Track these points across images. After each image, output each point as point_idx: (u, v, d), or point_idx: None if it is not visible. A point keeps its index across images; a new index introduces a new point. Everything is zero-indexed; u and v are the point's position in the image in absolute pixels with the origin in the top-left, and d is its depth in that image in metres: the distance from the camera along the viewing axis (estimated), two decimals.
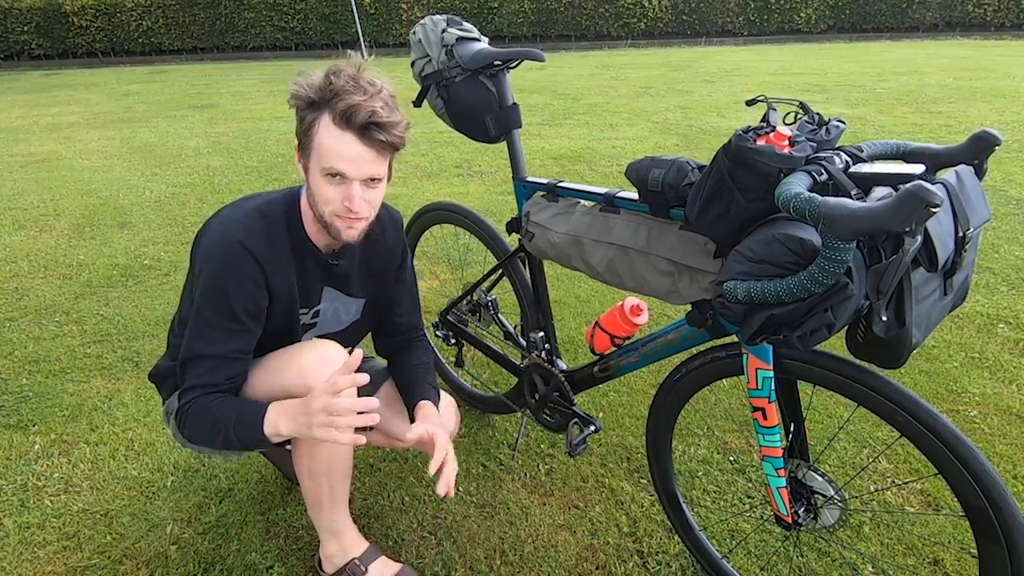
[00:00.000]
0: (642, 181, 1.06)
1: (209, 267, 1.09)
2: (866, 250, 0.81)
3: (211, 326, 1.10)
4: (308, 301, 1.23)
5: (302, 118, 1.04)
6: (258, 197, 1.17)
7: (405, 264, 1.37)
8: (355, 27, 12.68)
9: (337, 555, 1.32)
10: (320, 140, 1.01)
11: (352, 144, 1.01)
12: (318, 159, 1.03)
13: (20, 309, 2.63)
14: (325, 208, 1.06)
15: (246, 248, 1.09)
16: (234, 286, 1.08)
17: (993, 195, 3.62)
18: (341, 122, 1.00)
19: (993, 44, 11.68)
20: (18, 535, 1.51)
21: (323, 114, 1.01)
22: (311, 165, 1.05)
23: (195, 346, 1.10)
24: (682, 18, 13.65)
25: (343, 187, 1.04)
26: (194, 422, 1.10)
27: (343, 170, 1.02)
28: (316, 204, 1.08)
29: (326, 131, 1.01)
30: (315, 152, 1.03)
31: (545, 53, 1.37)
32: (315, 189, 1.06)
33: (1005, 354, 2.13)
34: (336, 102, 0.99)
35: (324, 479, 1.22)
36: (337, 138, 1.01)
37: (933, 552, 1.40)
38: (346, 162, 1.01)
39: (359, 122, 0.99)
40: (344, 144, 1.01)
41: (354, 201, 1.04)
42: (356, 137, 1.01)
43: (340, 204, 1.05)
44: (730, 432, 1.82)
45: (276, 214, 1.14)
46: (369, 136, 1.01)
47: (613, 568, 1.40)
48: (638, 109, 6.46)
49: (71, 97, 8.48)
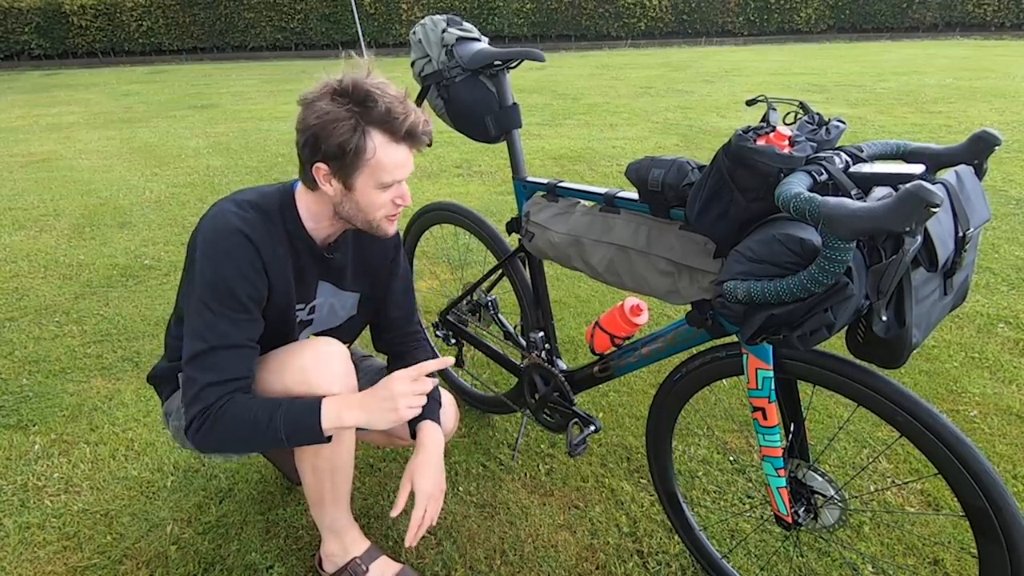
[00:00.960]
0: (642, 181, 1.06)
1: (209, 257, 1.08)
2: (866, 250, 0.81)
3: (218, 316, 1.07)
4: (304, 296, 1.23)
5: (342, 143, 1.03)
6: (251, 190, 1.17)
7: (398, 258, 1.38)
8: (355, 27, 12.69)
9: (338, 554, 1.32)
10: (380, 159, 1.06)
11: (405, 153, 1.09)
12: (375, 175, 1.07)
13: (20, 309, 2.63)
14: (378, 212, 1.12)
15: (244, 235, 1.09)
16: (236, 273, 1.08)
17: (993, 195, 3.62)
18: (400, 138, 1.07)
19: (993, 44, 11.68)
20: (18, 535, 1.51)
21: (374, 132, 1.05)
22: (359, 181, 1.08)
23: (205, 337, 1.06)
24: (682, 18, 13.65)
25: (392, 190, 1.11)
26: (229, 421, 1.04)
27: (401, 178, 1.10)
28: (362, 212, 1.12)
29: (385, 150, 1.06)
30: (370, 169, 1.07)
31: (545, 53, 1.37)
32: (364, 200, 1.10)
33: (1005, 354, 2.13)
34: (392, 123, 1.04)
35: (327, 476, 1.23)
36: (395, 152, 1.07)
37: (933, 552, 1.40)
38: (403, 170, 1.09)
39: (416, 135, 1.08)
40: (401, 156, 1.08)
41: (407, 197, 1.13)
42: (407, 147, 1.09)
43: (391, 205, 1.12)
44: (730, 432, 1.82)
45: (271, 207, 1.15)
46: (418, 143, 1.10)
47: (613, 568, 1.40)
48: (638, 109, 6.46)
49: (71, 97, 8.48)
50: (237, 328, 1.08)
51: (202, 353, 1.06)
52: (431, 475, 1.19)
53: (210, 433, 1.05)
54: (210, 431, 1.04)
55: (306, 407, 1.06)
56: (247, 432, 1.04)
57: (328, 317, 1.32)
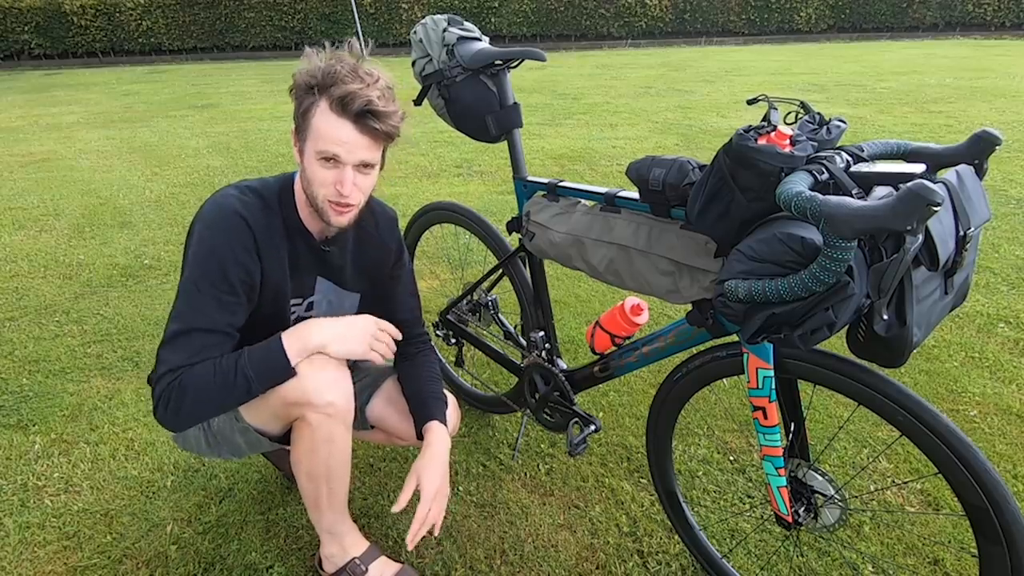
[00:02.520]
0: (643, 181, 1.06)
1: (204, 237, 1.08)
2: (867, 249, 0.81)
3: (204, 295, 1.06)
4: (301, 290, 1.23)
5: (300, 101, 1.06)
6: (255, 180, 1.18)
7: (402, 261, 1.37)
8: (355, 27, 12.69)
9: (337, 555, 1.32)
10: (317, 124, 1.04)
11: (347, 130, 1.04)
12: (314, 142, 1.06)
13: (20, 309, 2.63)
14: (318, 191, 1.09)
15: (241, 217, 1.09)
16: (228, 252, 1.08)
17: (993, 195, 3.62)
18: (338, 108, 1.03)
19: (993, 44, 11.68)
20: (18, 535, 1.50)
21: (321, 99, 1.04)
22: (306, 148, 1.08)
23: (186, 318, 1.05)
24: (682, 18, 13.65)
25: (336, 171, 1.07)
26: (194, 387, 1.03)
27: (337, 154, 1.05)
28: (309, 186, 1.10)
29: (323, 116, 1.04)
30: (311, 135, 1.06)
31: (545, 53, 1.37)
32: (309, 171, 1.09)
33: (1005, 354, 2.13)
34: (334, 89, 1.02)
35: (323, 481, 1.22)
36: (333, 123, 1.03)
37: (933, 552, 1.40)
38: (340, 146, 1.04)
39: (355, 109, 1.02)
40: (340, 130, 1.04)
41: (345, 185, 1.07)
42: (352, 124, 1.04)
43: (332, 188, 1.08)
44: (730, 432, 1.82)
45: (270, 195, 1.15)
46: (364, 124, 1.04)
47: (613, 568, 1.40)
48: (638, 109, 6.46)
49: (71, 97, 8.48)
50: (220, 310, 1.08)
51: (178, 334, 1.05)
52: (437, 475, 1.19)
53: (180, 404, 1.03)
54: (180, 402, 1.03)
55: (267, 345, 1.06)
56: (216, 391, 1.04)
57: (327, 314, 1.31)
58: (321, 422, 1.14)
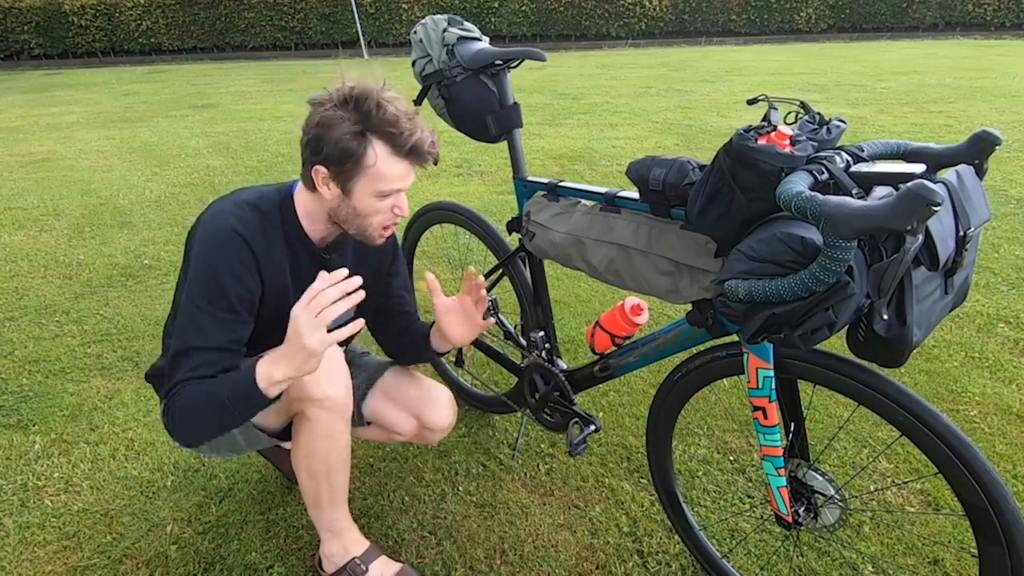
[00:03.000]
0: (643, 180, 1.06)
1: (202, 253, 1.08)
2: (867, 249, 0.81)
3: (204, 313, 1.07)
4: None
5: (346, 148, 1.04)
6: (250, 190, 1.17)
7: (398, 259, 1.39)
8: (355, 27, 12.69)
9: (337, 554, 1.32)
10: (379, 169, 1.07)
11: (404, 166, 1.09)
12: (373, 184, 1.08)
13: (20, 309, 2.63)
14: (373, 219, 1.13)
15: (239, 234, 1.09)
16: (227, 271, 1.08)
17: (993, 195, 3.62)
18: (403, 153, 1.07)
19: (993, 44, 11.68)
20: (18, 535, 1.50)
21: (376, 143, 1.05)
22: (358, 188, 1.08)
23: (188, 338, 1.06)
24: (682, 18, 13.65)
25: (392, 198, 1.12)
26: (183, 409, 1.04)
27: (400, 188, 1.11)
28: (358, 218, 1.12)
29: (386, 162, 1.07)
30: (369, 178, 1.07)
31: (545, 53, 1.37)
32: (361, 207, 1.11)
33: (1005, 354, 2.13)
34: (395, 136, 1.05)
35: (323, 477, 1.22)
36: (397, 165, 1.08)
37: (933, 552, 1.40)
38: (402, 181, 1.10)
39: (420, 152, 1.08)
40: (401, 169, 1.09)
41: (404, 208, 1.14)
42: (410, 163, 1.10)
43: (389, 213, 1.13)
44: (730, 432, 1.82)
45: (270, 206, 1.15)
46: (422, 160, 1.10)
47: (613, 568, 1.40)
48: (638, 109, 6.46)
49: (71, 97, 8.48)
50: (221, 329, 1.08)
51: (181, 352, 1.06)
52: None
53: (182, 425, 1.04)
54: (176, 423, 1.05)
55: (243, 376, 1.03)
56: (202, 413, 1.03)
57: None
58: (319, 416, 1.15)
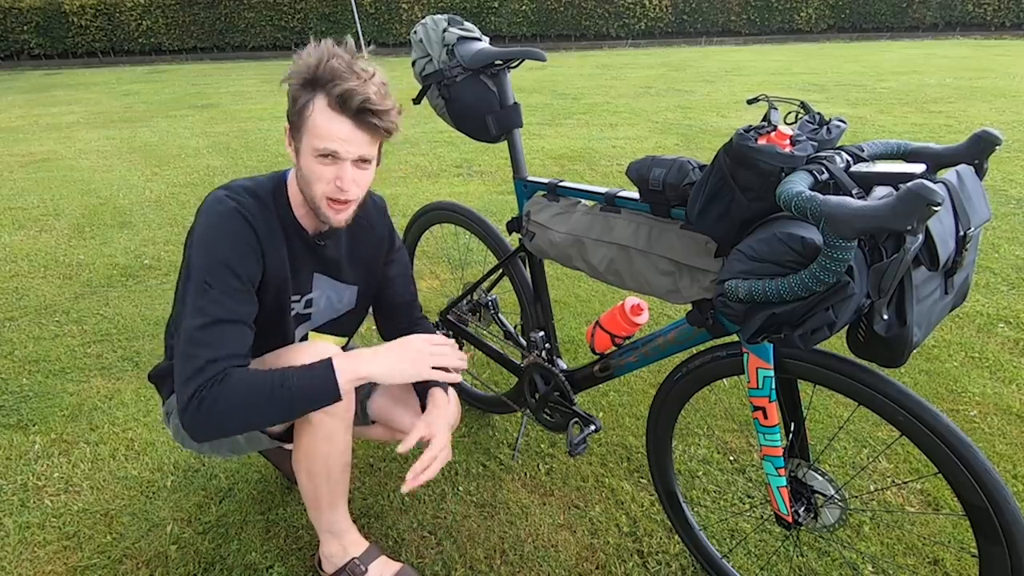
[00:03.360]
0: (643, 180, 1.06)
1: (206, 239, 1.06)
2: (867, 249, 0.81)
3: (219, 291, 1.03)
4: (299, 287, 1.23)
5: (295, 99, 1.05)
6: (245, 179, 1.17)
7: (394, 245, 1.37)
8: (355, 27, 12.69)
9: (337, 555, 1.32)
10: (315, 122, 1.04)
11: (346, 127, 1.04)
12: (311, 140, 1.05)
13: (20, 309, 2.63)
14: (316, 188, 1.08)
15: (241, 215, 1.08)
16: (233, 251, 1.06)
17: (993, 195, 3.62)
18: (336, 105, 1.03)
19: (993, 44, 11.68)
20: (18, 535, 1.50)
21: (317, 96, 1.03)
22: (303, 146, 1.07)
23: (208, 311, 1.01)
24: (682, 18, 13.65)
25: (334, 167, 1.07)
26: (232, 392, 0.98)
27: (336, 150, 1.04)
28: (307, 184, 1.09)
29: (321, 113, 1.03)
30: (308, 133, 1.05)
31: (545, 53, 1.37)
32: (306, 169, 1.08)
33: (1005, 354, 2.13)
34: (332, 86, 1.02)
35: (322, 479, 1.22)
36: (332, 120, 1.03)
37: (933, 552, 1.40)
38: (339, 143, 1.04)
39: (354, 107, 1.02)
40: (338, 126, 1.03)
41: (345, 180, 1.07)
42: (350, 121, 1.04)
43: (331, 184, 1.07)
44: (730, 432, 1.82)
45: (265, 193, 1.15)
46: (363, 120, 1.04)
47: (613, 568, 1.40)
48: (638, 109, 6.46)
49: (71, 97, 8.48)
50: (238, 303, 1.06)
51: (203, 327, 1.01)
52: (446, 428, 1.19)
53: (212, 408, 0.98)
54: (212, 406, 0.98)
55: (319, 366, 1.03)
56: (253, 402, 0.99)
57: (327, 311, 1.31)
58: (321, 420, 1.14)
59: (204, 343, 1.01)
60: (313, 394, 1.03)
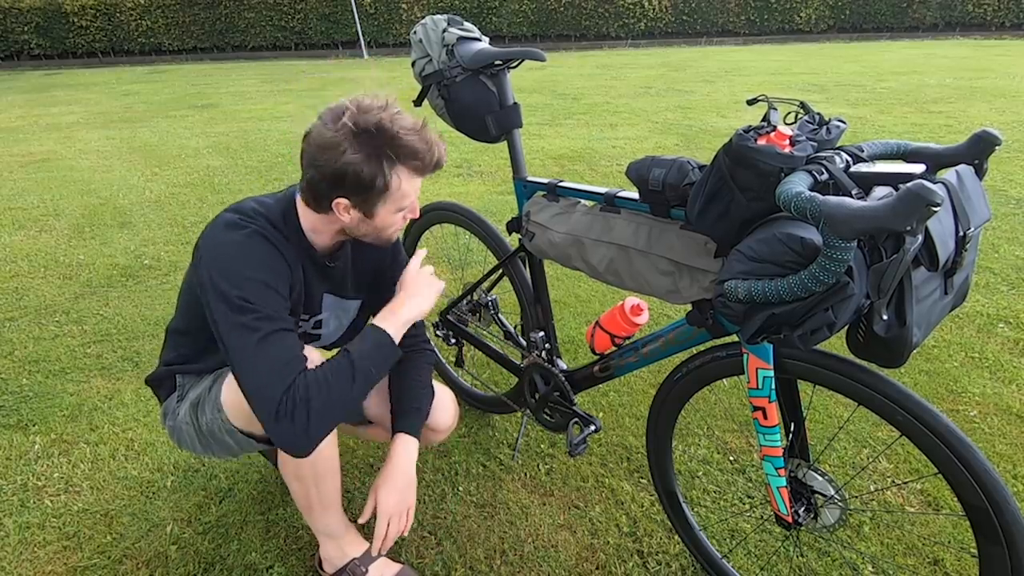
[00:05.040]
0: (643, 181, 1.06)
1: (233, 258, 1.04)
2: (867, 249, 0.81)
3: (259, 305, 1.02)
4: (310, 307, 1.23)
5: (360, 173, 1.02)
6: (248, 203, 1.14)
7: (398, 259, 1.37)
8: (355, 27, 12.69)
9: (335, 556, 1.32)
10: (404, 191, 1.09)
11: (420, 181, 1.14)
12: (396, 203, 1.10)
13: (20, 309, 2.63)
14: (390, 230, 1.16)
15: (266, 238, 1.08)
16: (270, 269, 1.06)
17: (993, 195, 3.62)
18: (419, 172, 1.09)
19: (993, 44, 11.68)
20: (18, 535, 1.50)
21: (401, 169, 1.06)
22: (381, 210, 1.10)
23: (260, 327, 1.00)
24: (682, 18, 13.65)
25: (407, 208, 1.15)
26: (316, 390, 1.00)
27: (415, 200, 1.14)
28: (379, 232, 1.15)
29: (409, 182, 1.09)
30: (393, 199, 1.09)
31: (545, 53, 1.37)
32: (382, 224, 1.13)
33: (1005, 354, 2.13)
34: (419, 162, 1.07)
35: (311, 483, 1.21)
36: (417, 181, 1.11)
37: (933, 552, 1.40)
38: (417, 192, 1.14)
39: (440, 166, 1.12)
40: (418, 183, 1.13)
41: (416, 209, 1.17)
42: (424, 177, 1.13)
43: (402, 219, 1.16)
44: (730, 432, 1.82)
45: (272, 215, 1.14)
46: (438, 169, 1.13)
47: (613, 568, 1.40)
48: (638, 109, 6.46)
49: (71, 97, 8.48)
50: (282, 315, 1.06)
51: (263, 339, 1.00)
52: (396, 490, 1.18)
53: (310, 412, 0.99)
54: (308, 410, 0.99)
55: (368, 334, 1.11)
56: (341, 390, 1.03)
57: (335, 331, 1.32)
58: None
59: (268, 355, 1.00)
60: (380, 357, 1.10)
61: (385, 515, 1.17)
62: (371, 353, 1.09)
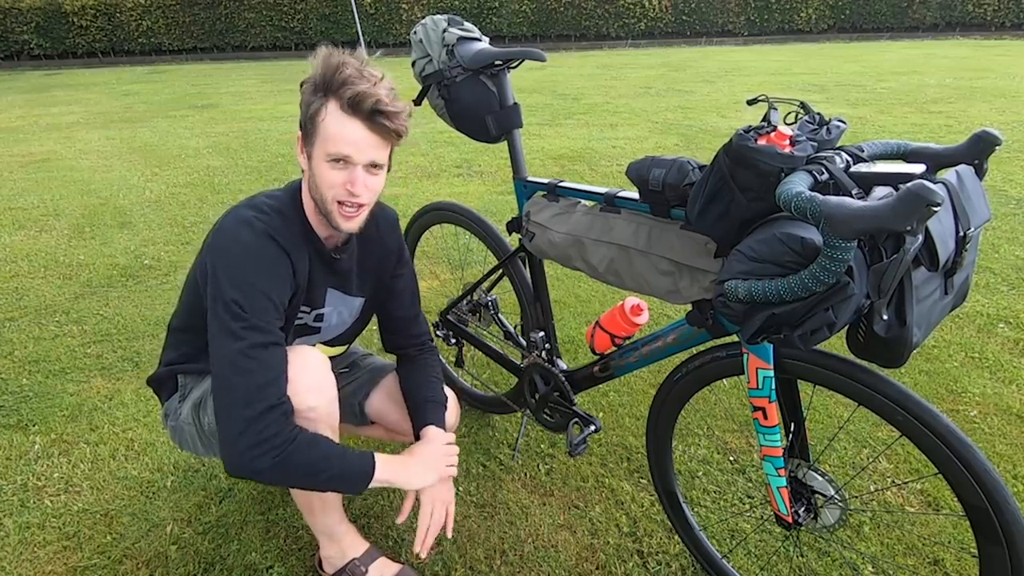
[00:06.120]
0: (643, 181, 1.06)
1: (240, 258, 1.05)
2: (867, 249, 0.81)
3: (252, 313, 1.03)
4: (312, 300, 1.22)
5: (307, 105, 1.06)
6: (261, 197, 1.15)
7: (403, 261, 1.37)
8: (355, 27, 12.69)
9: (336, 556, 1.32)
10: (327, 126, 1.04)
11: (358, 130, 1.04)
12: (323, 144, 1.05)
13: (20, 309, 2.63)
14: (327, 192, 1.07)
15: (274, 239, 1.08)
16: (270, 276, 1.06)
17: (993, 195, 3.62)
18: (348, 108, 1.03)
19: (993, 44, 11.68)
20: (18, 535, 1.50)
21: (330, 101, 1.03)
22: (315, 151, 1.06)
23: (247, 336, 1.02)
24: (682, 18, 13.65)
25: (346, 171, 1.06)
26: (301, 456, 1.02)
27: (348, 154, 1.04)
28: (318, 190, 1.08)
29: (333, 117, 1.03)
30: (320, 137, 1.05)
31: (545, 53, 1.37)
32: (318, 174, 1.07)
33: (1005, 354, 2.13)
34: (344, 90, 1.02)
35: None
36: (344, 123, 1.03)
37: (933, 552, 1.40)
38: (351, 146, 1.04)
39: (366, 109, 1.02)
40: (350, 129, 1.03)
41: (356, 184, 1.06)
42: (362, 123, 1.04)
43: (342, 188, 1.07)
44: (730, 432, 1.82)
45: (284, 206, 1.14)
46: (375, 123, 1.04)
47: (613, 568, 1.40)
48: (638, 109, 6.46)
49: (71, 97, 8.48)
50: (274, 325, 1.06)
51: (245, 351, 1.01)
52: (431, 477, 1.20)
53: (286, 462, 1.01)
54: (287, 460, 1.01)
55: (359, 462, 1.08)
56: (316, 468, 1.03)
57: (337, 326, 1.31)
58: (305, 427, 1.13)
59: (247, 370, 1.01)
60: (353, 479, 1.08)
61: (429, 499, 1.19)
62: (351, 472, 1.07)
